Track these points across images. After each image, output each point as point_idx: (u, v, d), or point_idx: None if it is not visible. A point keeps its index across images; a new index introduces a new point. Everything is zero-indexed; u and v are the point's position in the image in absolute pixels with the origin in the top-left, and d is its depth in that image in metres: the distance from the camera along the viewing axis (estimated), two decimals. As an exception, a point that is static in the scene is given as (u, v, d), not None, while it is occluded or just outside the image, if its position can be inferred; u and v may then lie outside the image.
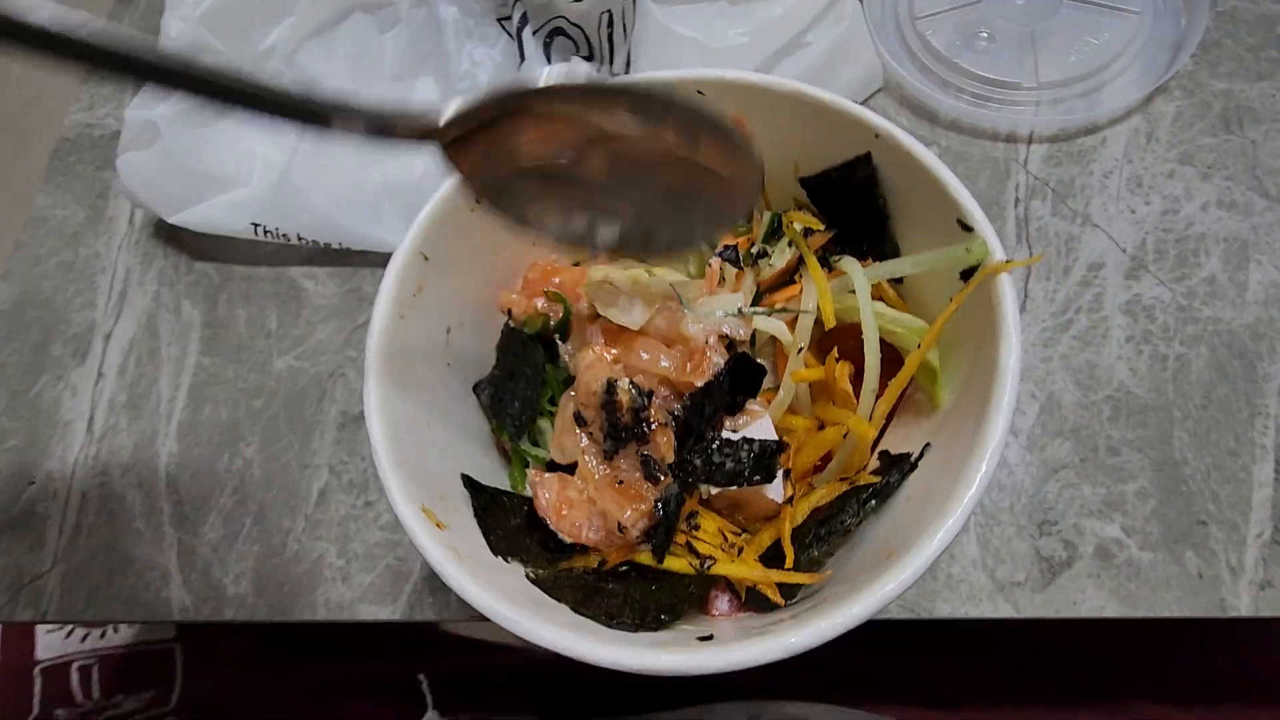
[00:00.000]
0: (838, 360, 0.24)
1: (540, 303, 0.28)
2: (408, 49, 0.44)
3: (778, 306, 0.26)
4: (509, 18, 0.43)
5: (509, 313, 0.30)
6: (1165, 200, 0.36)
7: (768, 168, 0.27)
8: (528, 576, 0.23)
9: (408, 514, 0.21)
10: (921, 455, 0.23)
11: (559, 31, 0.43)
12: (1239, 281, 0.33)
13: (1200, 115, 0.37)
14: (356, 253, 0.40)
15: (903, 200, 0.26)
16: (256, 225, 0.39)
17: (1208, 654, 0.39)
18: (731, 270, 0.26)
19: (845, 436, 0.24)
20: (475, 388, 0.29)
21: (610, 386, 0.23)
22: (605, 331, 0.25)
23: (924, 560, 0.19)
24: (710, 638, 0.21)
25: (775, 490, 0.23)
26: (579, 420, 0.24)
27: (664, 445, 0.23)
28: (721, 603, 0.25)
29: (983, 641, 0.42)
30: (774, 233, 0.28)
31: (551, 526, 0.24)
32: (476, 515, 0.24)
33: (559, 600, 0.23)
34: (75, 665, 0.45)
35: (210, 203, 0.40)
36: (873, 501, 0.23)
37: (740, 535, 0.24)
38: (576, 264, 0.30)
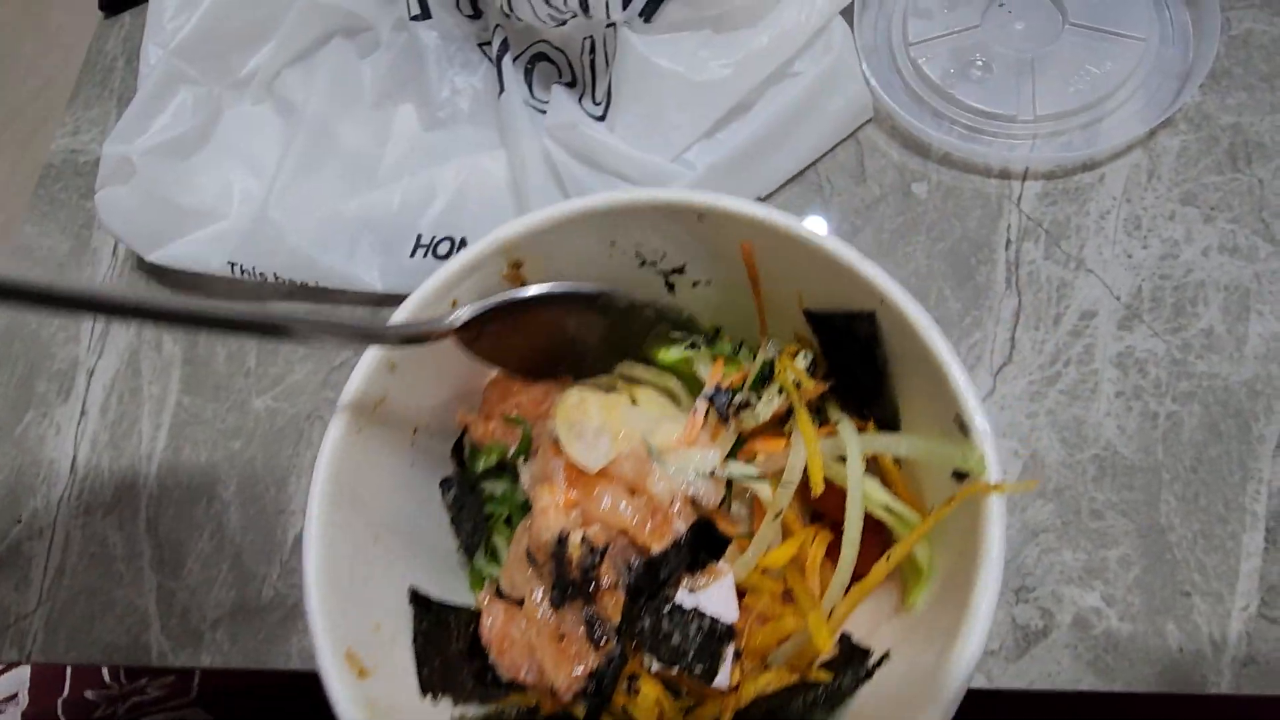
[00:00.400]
0: (819, 524, 0.23)
1: (497, 427, 0.27)
2: (388, 75, 0.43)
3: (760, 458, 0.24)
4: (489, 43, 0.42)
5: (465, 428, 0.29)
6: (1164, 244, 0.34)
7: (770, 293, 0.27)
8: (453, 718, 0.23)
9: (328, 664, 0.20)
10: (880, 663, 0.22)
11: (542, 56, 0.42)
12: (1238, 334, 0.32)
13: (1206, 151, 0.35)
14: (335, 291, 0.40)
15: (905, 368, 0.23)
16: (233, 265, 0.39)
17: None
18: (714, 418, 0.24)
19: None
20: (442, 484, 0.28)
21: (561, 540, 0.22)
22: (568, 467, 0.24)
23: None
24: None
25: (721, 679, 0.22)
26: (530, 559, 0.23)
27: (611, 607, 0.22)
28: None
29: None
30: (764, 380, 0.25)
31: (490, 659, 0.23)
32: (415, 641, 0.23)
33: None
34: None
35: (188, 239, 0.40)
36: (822, 702, 0.22)
37: (679, 703, 0.23)
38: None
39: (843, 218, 0.37)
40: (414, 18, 0.42)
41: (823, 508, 0.24)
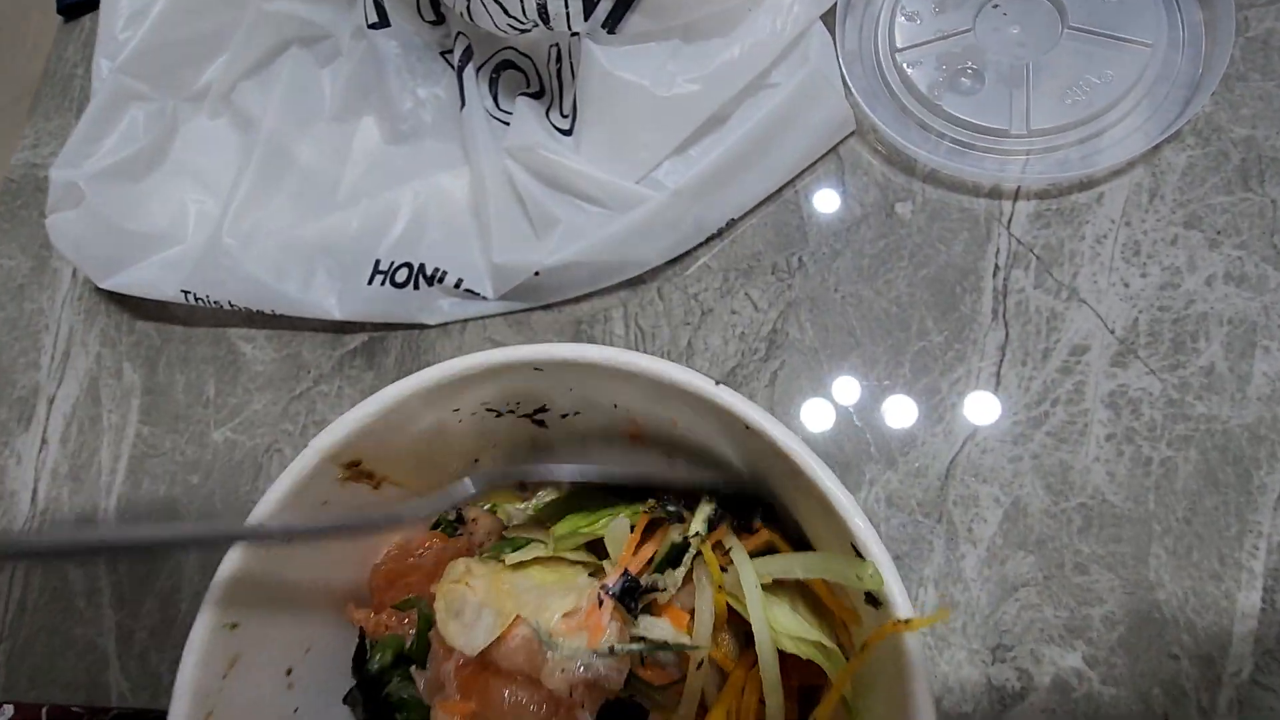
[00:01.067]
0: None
1: (390, 618, 0.25)
2: (348, 86, 0.41)
3: (664, 620, 0.22)
4: (451, 51, 0.40)
5: (361, 631, 0.26)
6: (1165, 272, 0.32)
7: (646, 424, 0.25)
8: None
9: None
10: None
11: (508, 64, 0.40)
12: (1241, 372, 0.30)
13: (1215, 168, 0.33)
14: (294, 316, 0.38)
15: (796, 498, 0.22)
16: (187, 293, 0.37)
17: None
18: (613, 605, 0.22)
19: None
20: (346, 701, 0.26)
21: None
22: (459, 673, 0.21)
23: None
24: None
25: None
26: None
27: None
28: None
29: None
30: (672, 559, 0.23)
31: None
32: None
33: None
34: None
35: (141, 265, 0.38)
36: None
37: None
38: (434, 530, 0.27)
39: (821, 240, 0.35)
40: (372, 25, 0.40)
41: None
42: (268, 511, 0.23)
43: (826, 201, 0.36)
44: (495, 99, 0.40)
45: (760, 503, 0.24)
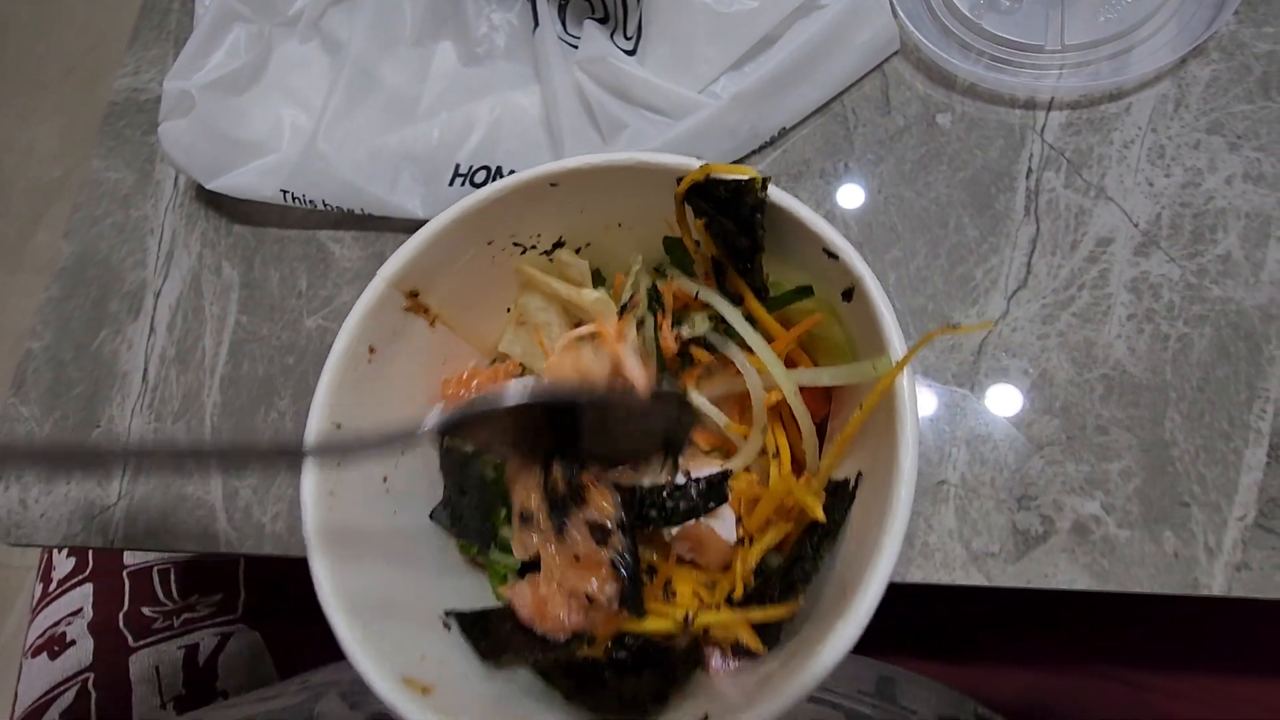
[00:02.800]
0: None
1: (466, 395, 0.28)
2: (427, 13, 0.45)
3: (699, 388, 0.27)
4: (524, -20, 0.43)
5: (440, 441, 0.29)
6: (1187, 172, 0.34)
7: (639, 236, 0.29)
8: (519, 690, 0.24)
9: (388, 694, 0.21)
10: (857, 484, 0.24)
11: (575, -7, 0.43)
12: (1255, 260, 0.32)
13: (1238, 80, 0.35)
14: (379, 217, 0.42)
15: (776, 231, 0.26)
16: (285, 192, 0.41)
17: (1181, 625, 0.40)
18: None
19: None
20: (432, 515, 0.29)
21: (547, 464, 0.24)
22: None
23: (870, 603, 0.20)
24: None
25: (728, 529, 0.25)
26: (525, 519, 0.25)
27: (603, 504, 0.24)
28: (717, 659, 0.25)
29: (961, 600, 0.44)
30: (652, 304, 0.28)
31: (538, 632, 0.24)
32: (465, 633, 0.25)
33: (554, 687, 0.24)
34: (155, 569, 0.52)
35: (244, 169, 0.42)
36: (825, 542, 0.24)
37: (713, 591, 0.25)
38: (492, 361, 0.31)
39: (866, 148, 0.38)
40: (452, -45, 0.43)
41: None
42: (348, 337, 0.27)
43: (872, 113, 0.39)
44: (564, 24, 0.43)
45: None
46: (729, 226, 0.25)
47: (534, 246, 0.30)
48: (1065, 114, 0.37)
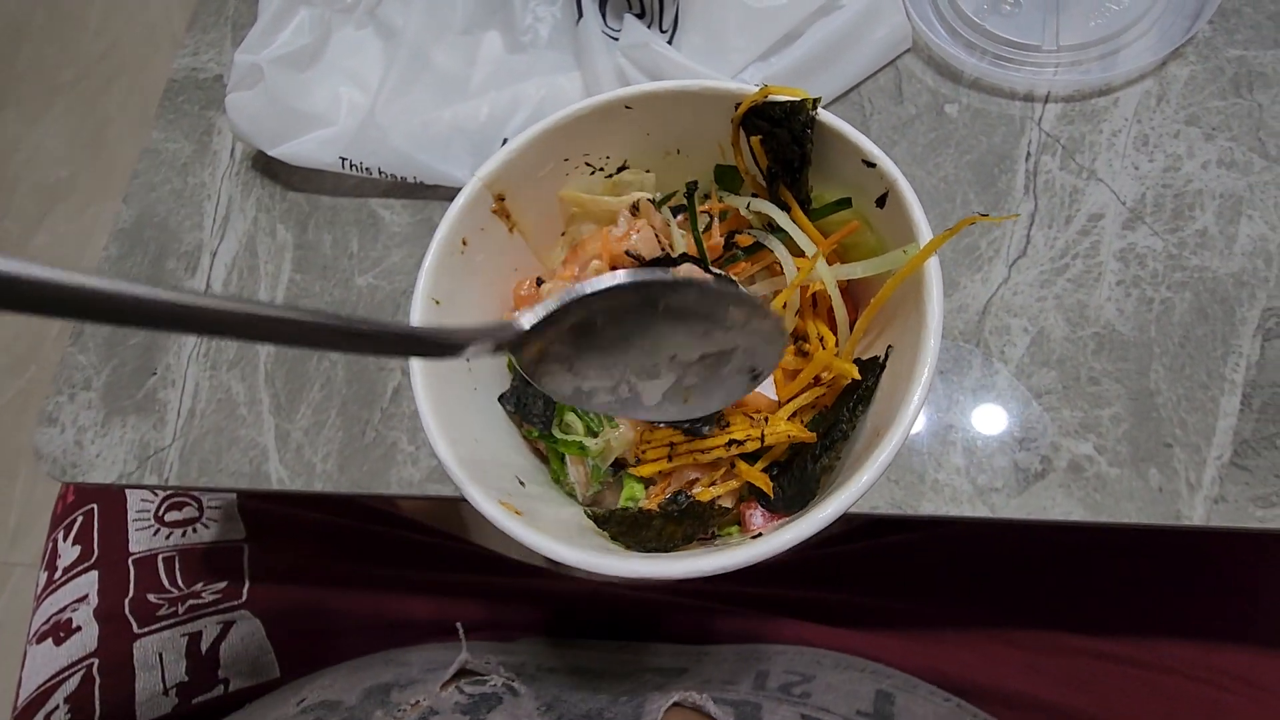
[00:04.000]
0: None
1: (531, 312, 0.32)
2: (476, 5, 0.49)
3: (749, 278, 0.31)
4: (569, -24, 0.47)
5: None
6: (1168, 158, 0.38)
7: (694, 163, 0.33)
8: (586, 514, 0.28)
9: (492, 511, 0.24)
10: (887, 357, 0.27)
11: (614, -10, 0.47)
12: (1229, 234, 0.36)
13: (1212, 79, 0.40)
14: (428, 186, 0.45)
15: (821, 148, 0.29)
16: (344, 160, 0.44)
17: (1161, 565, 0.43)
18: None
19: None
20: (500, 399, 0.32)
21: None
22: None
23: (904, 428, 0.23)
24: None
25: (770, 390, 0.28)
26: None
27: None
28: (756, 517, 0.28)
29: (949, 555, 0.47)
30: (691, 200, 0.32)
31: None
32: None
33: (602, 531, 0.27)
34: (160, 557, 0.52)
35: (304, 139, 0.46)
36: (860, 406, 0.27)
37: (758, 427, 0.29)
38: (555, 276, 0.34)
39: (881, 133, 0.42)
40: (503, -48, 0.47)
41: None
42: (448, 225, 0.30)
43: (886, 103, 0.43)
44: (604, 18, 0.47)
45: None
46: (784, 138, 0.29)
47: (602, 169, 0.33)
48: (1060, 106, 0.41)
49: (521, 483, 0.29)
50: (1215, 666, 0.41)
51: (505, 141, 0.44)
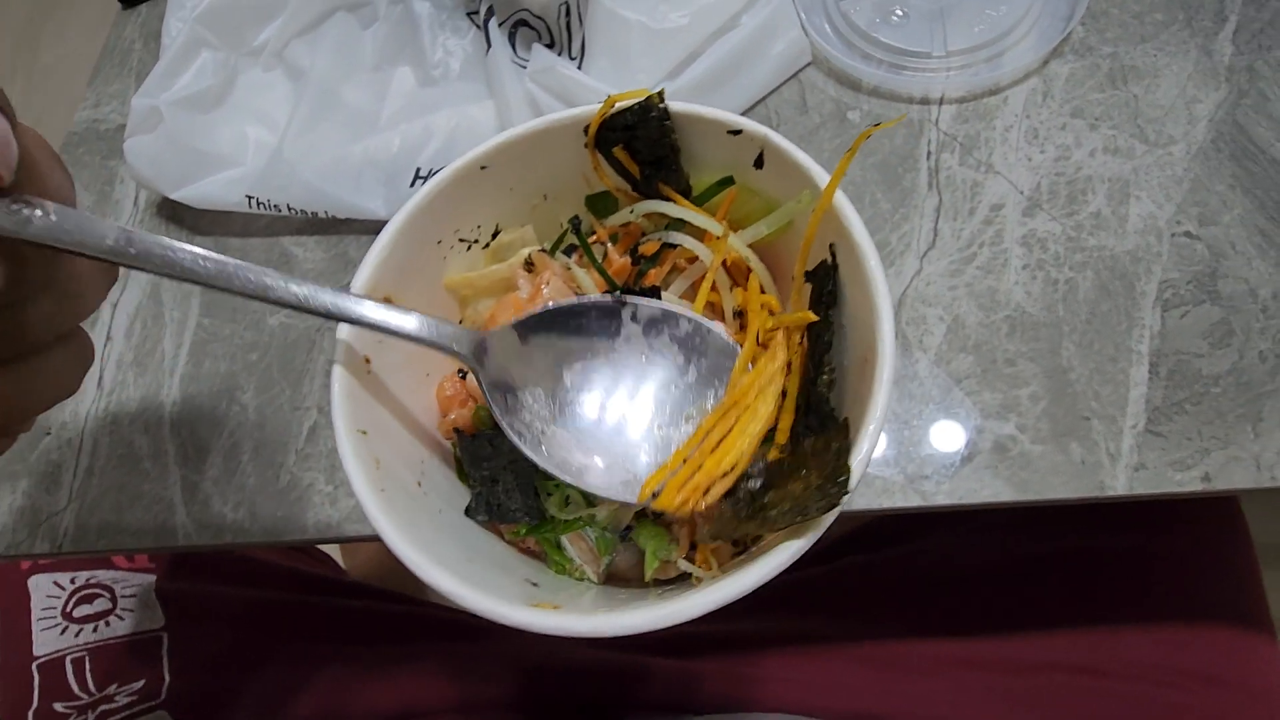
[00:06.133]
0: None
1: (466, 408, 0.30)
2: (386, 42, 0.49)
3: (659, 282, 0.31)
4: (477, 11, 0.48)
5: (457, 433, 0.30)
6: (1058, 149, 0.40)
7: (565, 203, 0.33)
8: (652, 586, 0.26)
9: (527, 619, 0.22)
10: (834, 253, 0.27)
11: (522, 23, 0.48)
12: (1120, 215, 0.38)
13: (1090, 74, 0.42)
14: (341, 221, 0.44)
15: (687, 135, 0.29)
16: (251, 198, 0.43)
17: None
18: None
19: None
20: (467, 512, 0.28)
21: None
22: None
23: (890, 353, 0.24)
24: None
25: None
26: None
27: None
28: None
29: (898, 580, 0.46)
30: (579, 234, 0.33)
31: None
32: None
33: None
34: (69, 659, 0.47)
35: (209, 180, 0.44)
36: (831, 307, 0.27)
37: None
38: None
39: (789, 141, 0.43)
40: (410, -10, 0.48)
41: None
42: (343, 340, 0.27)
43: (792, 113, 0.44)
44: (514, 49, 0.48)
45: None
46: (646, 136, 0.29)
47: (477, 240, 0.32)
48: (955, 107, 0.42)
49: (534, 584, 0.27)
50: (1178, 668, 0.41)
51: (418, 172, 0.44)
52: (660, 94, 0.28)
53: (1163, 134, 0.40)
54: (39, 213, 0.18)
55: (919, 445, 0.34)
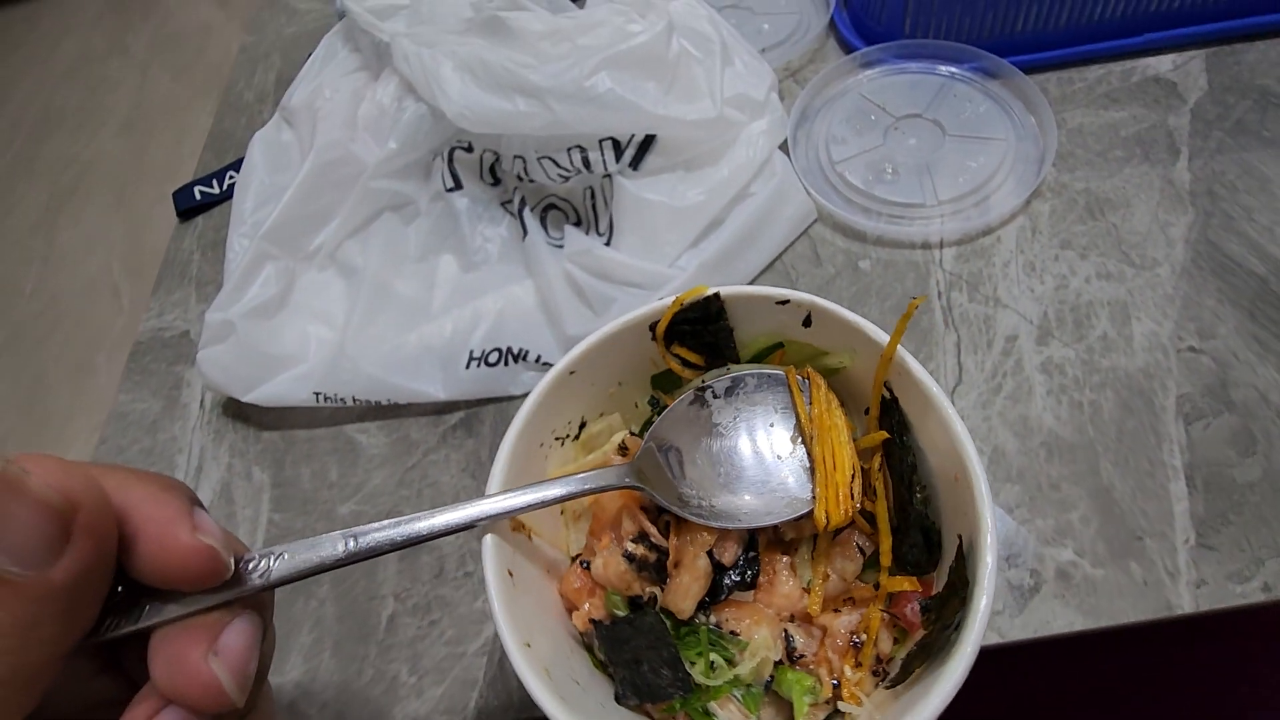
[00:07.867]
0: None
1: (596, 597, 0.31)
2: (429, 235, 0.54)
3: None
4: (510, 201, 0.53)
5: (594, 623, 0.31)
6: (1055, 278, 0.44)
7: (635, 387, 0.36)
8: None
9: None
10: (890, 389, 0.31)
11: (552, 206, 0.53)
12: (1126, 335, 0.41)
13: (1070, 209, 0.47)
14: (401, 406, 0.47)
15: (739, 318, 0.34)
16: (318, 394, 0.46)
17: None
18: None
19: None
20: (617, 699, 0.28)
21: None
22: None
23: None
24: None
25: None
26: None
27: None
28: (915, 606, 0.29)
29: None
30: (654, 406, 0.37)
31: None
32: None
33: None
34: None
35: (276, 380, 0.48)
36: (904, 434, 0.30)
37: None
38: (573, 559, 0.34)
39: (808, 293, 0.47)
40: (449, 190, 0.53)
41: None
42: (491, 567, 0.28)
43: (807, 266, 0.48)
44: (546, 230, 0.53)
45: None
46: (707, 333, 0.33)
47: (569, 435, 0.35)
48: (954, 249, 0.47)
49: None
50: None
51: (471, 354, 0.48)
52: (716, 293, 0.32)
53: (1146, 257, 0.44)
54: (273, 560, 0.21)
55: (985, 578, 0.36)
